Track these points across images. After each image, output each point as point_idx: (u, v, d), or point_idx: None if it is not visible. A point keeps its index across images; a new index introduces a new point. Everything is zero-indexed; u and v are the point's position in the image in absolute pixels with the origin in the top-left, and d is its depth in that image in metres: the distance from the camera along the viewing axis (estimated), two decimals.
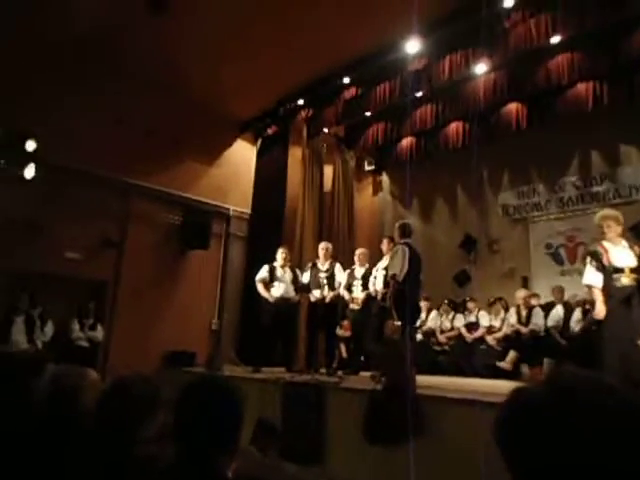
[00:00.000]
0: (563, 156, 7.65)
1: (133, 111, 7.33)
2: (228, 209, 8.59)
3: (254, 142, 9.14)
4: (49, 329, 6.16)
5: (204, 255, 8.01)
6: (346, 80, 7.33)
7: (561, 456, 0.52)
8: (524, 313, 6.38)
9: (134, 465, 1.33)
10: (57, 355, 5.82)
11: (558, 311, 6.17)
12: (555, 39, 6.04)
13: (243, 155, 9.00)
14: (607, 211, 4.27)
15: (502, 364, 6.14)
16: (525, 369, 5.98)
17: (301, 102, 8.00)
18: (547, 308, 6.38)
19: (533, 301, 6.54)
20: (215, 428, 1.22)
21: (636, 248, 4.03)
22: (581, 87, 6.76)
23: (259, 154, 9.11)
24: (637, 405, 0.54)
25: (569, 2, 5.43)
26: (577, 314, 6.02)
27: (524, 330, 6.20)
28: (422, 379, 4.20)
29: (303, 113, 8.11)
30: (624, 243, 4.00)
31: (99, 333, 6.70)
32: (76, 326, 6.49)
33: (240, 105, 8.34)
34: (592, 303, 5.77)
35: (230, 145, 8.86)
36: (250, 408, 1.37)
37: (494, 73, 6.98)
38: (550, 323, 6.10)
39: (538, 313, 6.27)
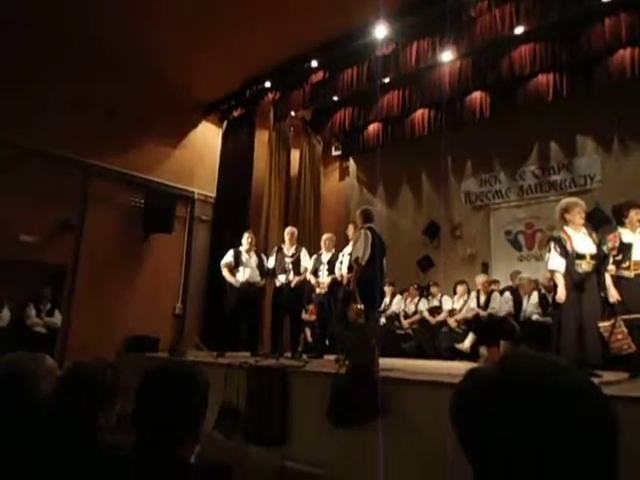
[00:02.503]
0: (524, 146, 7.87)
1: (94, 90, 7.05)
2: (193, 192, 8.42)
3: (219, 124, 8.96)
4: (5, 314, 5.92)
5: (167, 239, 7.85)
6: (314, 63, 7.25)
7: (510, 433, 0.55)
8: (483, 298, 6.59)
9: (93, 453, 1.31)
10: (12, 342, 5.63)
11: (505, 296, 6.40)
12: (519, 30, 6.15)
13: (208, 137, 8.81)
14: (578, 200, 4.33)
15: (460, 346, 6.35)
16: (483, 351, 6.20)
17: (268, 84, 7.87)
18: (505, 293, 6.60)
19: (493, 287, 6.76)
20: (178, 414, 1.21)
21: (594, 236, 4.21)
22: (542, 78, 6.95)
23: (224, 137, 8.94)
24: (582, 383, 0.57)
25: None
26: (534, 298, 6.27)
27: (483, 314, 6.41)
28: (385, 362, 4.29)
29: (270, 96, 7.99)
30: (584, 230, 4.15)
31: (57, 319, 6.49)
32: (32, 312, 6.26)
33: (205, 86, 8.14)
34: (548, 288, 6.03)
35: (195, 127, 8.66)
36: (214, 393, 1.36)
37: (460, 61, 7.08)
38: (505, 308, 6.32)
39: (496, 298, 6.49)
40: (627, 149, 6.96)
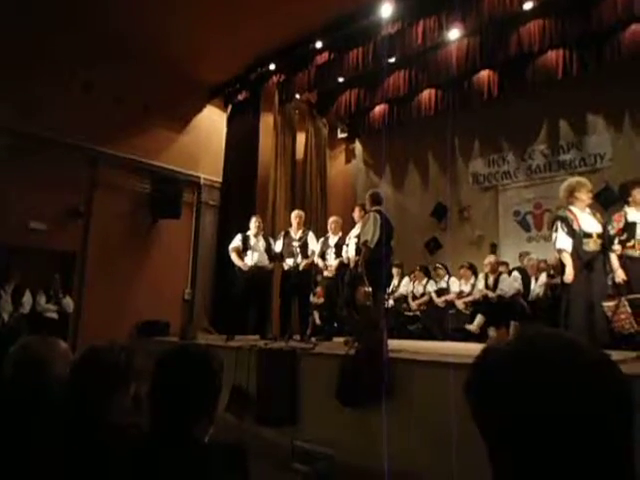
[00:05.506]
0: (532, 125, 7.75)
1: (100, 76, 7.04)
2: (199, 177, 8.42)
3: (224, 108, 8.90)
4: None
5: (175, 224, 7.88)
6: (318, 45, 7.15)
7: (528, 410, 0.55)
8: (491, 279, 6.58)
9: (108, 434, 1.33)
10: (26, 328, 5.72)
11: (514, 275, 6.38)
12: (527, 5, 6.02)
13: (213, 122, 8.77)
14: (586, 181, 4.29)
15: (470, 327, 6.36)
16: (492, 332, 6.21)
17: (272, 67, 7.79)
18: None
19: (501, 268, 6.74)
20: (193, 395, 1.23)
21: (598, 215, 4.18)
22: (551, 55, 6.80)
23: (230, 121, 8.89)
24: (599, 358, 0.57)
25: None
26: (542, 279, 6.24)
27: (492, 295, 6.41)
28: (394, 343, 4.32)
29: (274, 78, 7.90)
30: (588, 210, 4.12)
31: (68, 305, 6.57)
32: (43, 299, 6.34)
33: (210, 70, 8.07)
34: (557, 269, 6.00)
35: (200, 111, 8.61)
36: (225, 375, 1.38)
37: (467, 39, 6.94)
38: (514, 286, 6.30)
39: (505, 279, 6.47)
40: (639, 127, 6.83)
